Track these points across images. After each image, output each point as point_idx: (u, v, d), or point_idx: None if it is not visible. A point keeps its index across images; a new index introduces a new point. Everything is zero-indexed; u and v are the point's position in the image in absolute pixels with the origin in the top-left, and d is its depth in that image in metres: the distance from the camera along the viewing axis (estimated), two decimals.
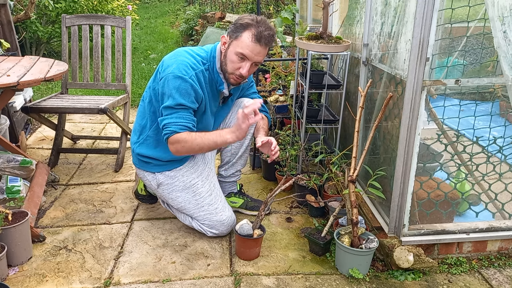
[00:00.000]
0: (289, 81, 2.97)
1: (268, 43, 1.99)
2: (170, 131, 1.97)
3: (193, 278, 1.95)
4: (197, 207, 2.18)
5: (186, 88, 1.96)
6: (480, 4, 2.03)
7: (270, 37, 1.98)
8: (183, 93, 1.96)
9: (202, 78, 2.04)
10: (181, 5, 11.00)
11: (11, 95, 2.42)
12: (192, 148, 2.00)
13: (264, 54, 2.03)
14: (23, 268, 2.00)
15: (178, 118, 1.97)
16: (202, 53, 2.09)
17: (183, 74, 1.96)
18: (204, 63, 2.06)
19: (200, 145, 1.99)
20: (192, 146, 1.98)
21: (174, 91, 1.95)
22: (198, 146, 1.99)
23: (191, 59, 2.03)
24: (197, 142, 1.98)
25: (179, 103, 1.96)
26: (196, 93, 2.00)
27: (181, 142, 1.97)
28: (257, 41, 1.95)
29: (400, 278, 1.96)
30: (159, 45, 7.54)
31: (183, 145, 1.98)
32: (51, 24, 5.76)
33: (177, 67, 1.98)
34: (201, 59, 2.06)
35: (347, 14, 2.77)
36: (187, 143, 1.97)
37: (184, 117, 1.98)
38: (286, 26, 3.52)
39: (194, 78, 1.99)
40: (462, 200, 2.15)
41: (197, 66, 2.03)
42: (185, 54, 2.05)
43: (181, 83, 1.95)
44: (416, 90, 1.80)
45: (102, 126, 3.90)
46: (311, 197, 2.44)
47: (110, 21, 3.25)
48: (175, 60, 2.01)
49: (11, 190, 2.30)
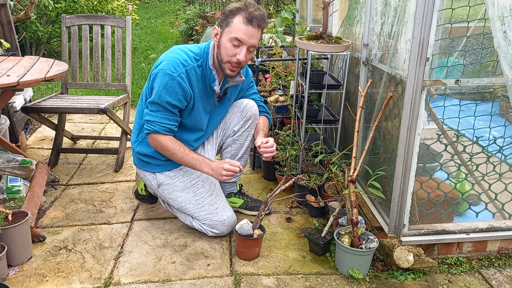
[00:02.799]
0: (289, 81, 2.97)
1: (261, 23, 1.97)
2: (153, 130, 2.03)
3: (193, 278, 1.95)
4: (197, 207, 2.18)
5: (173, 86, 1.97)
6: (480, 4, 2.03)
7: (261, 16, 1.97)
8: (169, 91, 1.97)
9: (194, 75, 2.03)
10: (181, 5, 11.00)
11: (11, 95, 2.42)
12: (171, 157, 2.12)
13: (258, 37, 2.01)
14: (23, 268, 2.00)
15: (163, 119, 2.02)
16: (195, 50, 2.09)
17: (172, 72, 1.97)
18: (197, 60, 2.06)
19: (179, 160, 2.10)
20: (172, 156, 2.10)
21: (161, 88, 1.98)
22: (177, 159, 2.10)
23: (183, 56, 2.03)
24: (177, 156, 2.08)
25: (165, 101, 1.98)
26: (184, 91, 2.00)
27: (163, 145, 2.07)
28: (249, 22, 1.94)
29: (400, 278, 1.96)
30: (159, 45, 7.54)
31: (164, 150, 2.09)
32: (51, 24, 5.76)
33: (167, 64, 1.99)
34: (194, 56, 2.06)
35: (347, 14, 2.77)
36: (169, 150, 2.08)
37: (169, 118, 2.03)
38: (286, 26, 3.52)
39: (183, 76, 1.99)
40: (462, 200, 2.15)
41: (189, 62, 2.02)
42: (178, 51, 2.05)
43: (168, 81, 1.97)
44: (416, 90, 1.80)
45: (102, 126, 3.90)
46: (311, 197, 2.44)
47: (110, 21, 3.25)
48: (167, 56, 2.03)
49: (11, 190, 2.30)
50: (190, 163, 2.09)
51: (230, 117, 2.34)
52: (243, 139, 2.35)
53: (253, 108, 2.32)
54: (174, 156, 2.08)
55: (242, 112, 2.31)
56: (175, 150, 2.06)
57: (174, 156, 2.08)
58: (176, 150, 2.06)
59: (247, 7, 1.95)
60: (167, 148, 2.06)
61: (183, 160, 2.08)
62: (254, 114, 2.32)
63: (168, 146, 2.05)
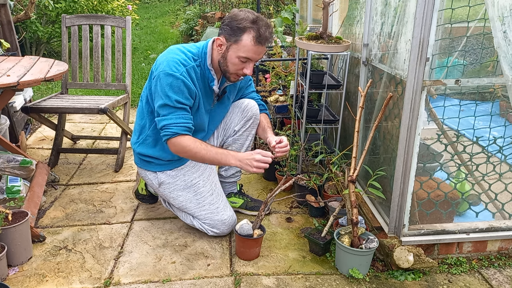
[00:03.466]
0: (289, 81, 2.97)
1: (269, 41, 1.99)
2: (172, 133, 1.96)
3: (193, 278, 1.95)
4: (198, 207, 2.18)
5: (179, 85, 1.96)
6: (480, 4, 2.03)
7: (270, 35, 1.98)
8: (176, 90, 1.96)
9: (194, 74, 2.03)
10: (181, 5, 11.00)
11: (11, 95, 2.42)
12: (194, 157, 2.01)
13: (265, 51, 2.04)
14: (23, 268, 2.00)
15: (178, 118, 1.97)
16: (193, 49, 2.08)
17: (174, 72, 1.96)
18: (195, 59, 2.06)
19: (203, 158, 2.00)
20: (195, 156, 2.00)
21: (167, 89, 1.95)
22: (201, 158, 2.00)
23: (182, 56, 2.02)
24: (201, 154, 1.98)
25: (174, 100, 1.95)
26: (189, 89, 1.99)
27: (184, 147, 1.98)
28: (259, 43, 1.94)
29: (400, 278, 1.96)
30: (159, 45, 7.54)
31: (186, 151, 1.99)
32: (51, 24, 5.76)
33: (167, 65, 1.98)
34: (192, 55, 2.06)
35: (347, 14, 2.77)
36: (191, 151, 1.98)
37: (183, 117, 1.98)
38: (286, 26, 3.52)
39: (185, 74, 1.98)
40: (462, 200, 2.15)
41: (188, 62, 2.02)
42: (176, 51, 2.05)
43: (173, 81, 1.95)
44: (416, 90, 1.80)
45: (102, 126, 3.90)
46: (311, 197, 2.44)
47: (110, 21, 3.25)
48: (166, 57, 2.02)
49: (11, 190, 2.30)
50: (216, 158, 2.00)
51: (231, 117, 2.34)
52: (244, 139, 2.36)
53: (254, 108, 2.32)
54: (198, 155, 1.99)
55: (243, 112, 2.31)
56: (197, 148, 1.98)
57: (197, 155, 1.99)
58: (199, 148, 1.98)
59: (257, 24, 1.92)
60: (188, 149, 1.97)
61: (207, 156, 1.99)
62: (254, 114, 2.32)
63: (190, 146, 1.97)
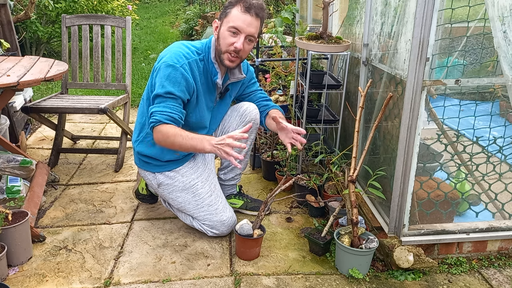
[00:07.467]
0: (289, 81, 2.97)
1: (259, 12, 1.97)
2: (156, 120, 1.95)
3: (193, 278, 1.95)
4: (197, 208, 2.18)
5: (176, 76, 1.96)
6: (480, 4, 2.03)
7: (260, 5, 1.97)
8: (172, 81, 1.96)
9: (196, 68, 2.04)
10: (181, 5, 11.00)
11: (11, 95, 2.42)
12: (173, 144, 1.97)
13: (257, 26, 2.00)
14: (23, 268, 2.00)
15: (165, 108, 1.96)
16: (197, 45, 2.10)
17: (174, 63, 1.97)
18: (199, 54, 2.07)
19: (180, 145, 1.96)
20: (173, 143, 1.96)
21: (164, 79, 1.96)
22: (178, 144, 1.96)
23: (185, 49, 2.04)
24: (178, 140, 1.94)
25: (168, 91, 1.95)
26: (187, 82, 1.99)
27: (164, 134, 1.95)
28: (246, 11, 1.94)
29: (400, 278, 1.96)
30: (159, 45, 7.54)
31: (165, 139, 1.96)
32: (51, 24, 5.76)
33: (170, 57, 1.99)
34: (196, 50, 2.07)
35: (347, 14, 2.77)
36: (169, 137, 1.94)
37: (171, 107, 1.97)
38: (286, 26, 3.52)
39: (186, 67, 1.98)
40: (462, 200, 2.15)
41: (191, 55, 2.03)
42: (179, 45, 2.07)
43: (171, 71, 1.96)
44: (416, 90, 1.80)
45: (102, 126, 3.90)
46: (311, 197, 2.44)
47: (110, 21, 3.25)
48: (169, 51, 2.04)
49: (11, 190, 2.30)
50: (191, 144, 1.95)
51: (229, 120, 2.33)
52: (243, 142, 2.34)
53: (253, 112, 2.30)
54: (176, 142, 1.94)
55: (241, 116, 2.30)
56: (176, 134, 1.94)
57: (175, 141, 1.94)
58: (177, 134, 1.94)
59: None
60: (167, 136, 1.94)
61: (185, 143, 1.94)
62: (253, 119, 2.30)
63: (169, 132, 1.93)
